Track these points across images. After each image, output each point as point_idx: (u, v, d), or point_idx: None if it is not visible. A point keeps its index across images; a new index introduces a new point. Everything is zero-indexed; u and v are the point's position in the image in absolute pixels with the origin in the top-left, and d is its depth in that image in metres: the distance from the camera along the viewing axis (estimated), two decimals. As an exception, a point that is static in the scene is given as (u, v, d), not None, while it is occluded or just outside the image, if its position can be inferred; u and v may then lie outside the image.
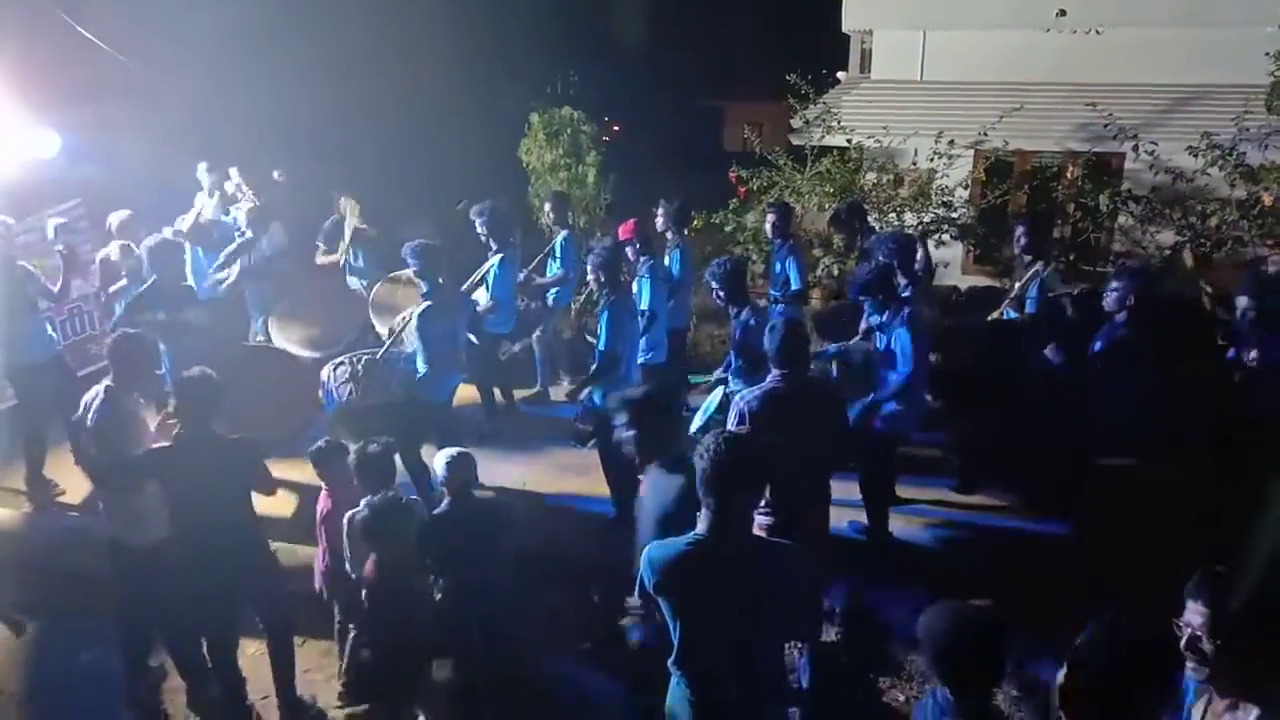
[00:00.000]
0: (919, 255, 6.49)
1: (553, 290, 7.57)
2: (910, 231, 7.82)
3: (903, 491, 5.81)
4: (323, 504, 4.53)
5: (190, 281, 6.82)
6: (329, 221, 8.28)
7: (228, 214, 8.14)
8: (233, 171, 8.32)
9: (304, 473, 4.86)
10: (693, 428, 5.34)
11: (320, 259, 8.26)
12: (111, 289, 7.00)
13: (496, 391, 7.41)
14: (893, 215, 8.60)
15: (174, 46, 10.20)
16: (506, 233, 6.99)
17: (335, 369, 5.75)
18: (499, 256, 6.89)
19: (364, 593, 4.13)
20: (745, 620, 2.85)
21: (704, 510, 2.88)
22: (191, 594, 4.14)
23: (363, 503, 4.18)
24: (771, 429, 3.96)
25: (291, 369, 6.45)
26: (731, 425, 4.16)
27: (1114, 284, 5.27)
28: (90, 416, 4.30)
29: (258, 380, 5.94)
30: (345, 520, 4.24)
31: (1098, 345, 5.31)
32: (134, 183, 8.03)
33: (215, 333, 6.20)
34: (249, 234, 7.59)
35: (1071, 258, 8.37)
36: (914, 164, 8.87)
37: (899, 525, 5.52)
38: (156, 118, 9.32)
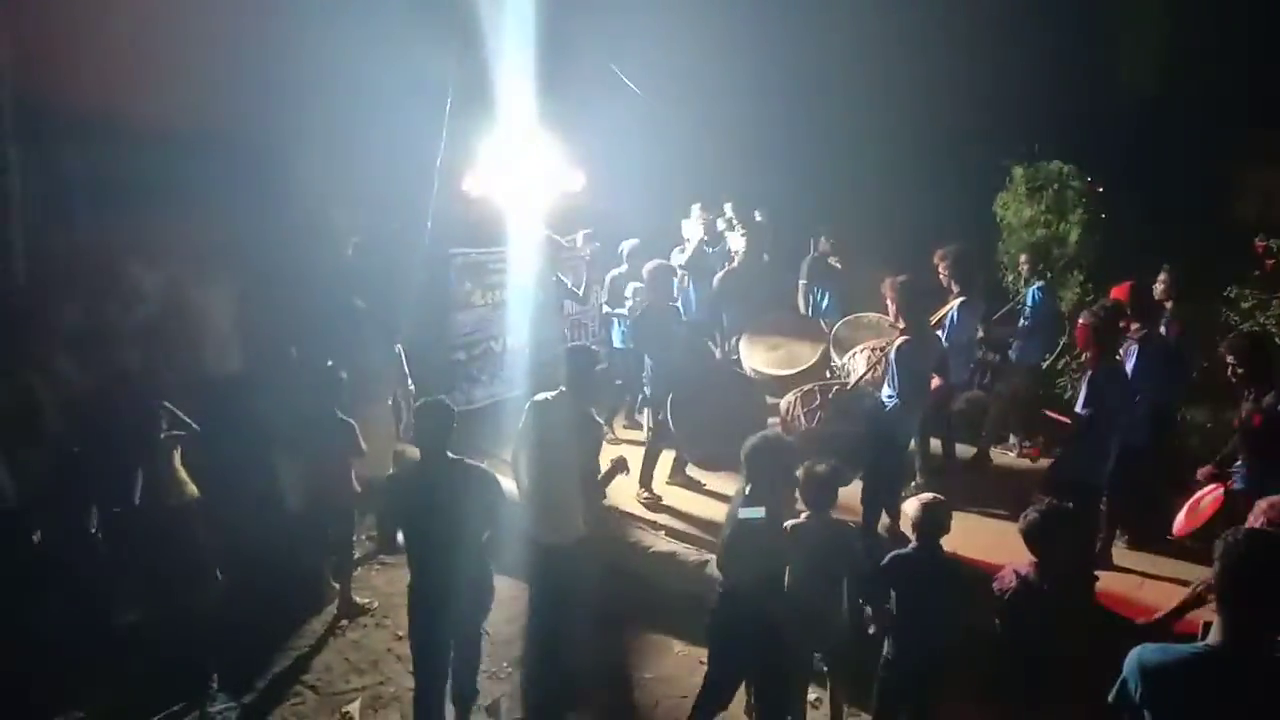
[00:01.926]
0: None
1: (1016, 344, 7.11)
2: None
3: None
4: None
5: (678, 303, 7.58)
6: (808, 259, 8.71)
7: (711, 247, 8.92)
8: (727, 207, 9.13)
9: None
10: (1175, 527, 4.63)
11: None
12: (616, 309, 8.08)
13: (937, 443, 7.11)
14: None
15: (691, 91, 11.32)
16: (970, 277, 6.75)
17: (802, 395, 5.96)
18: (960, 300, 6.65)
19: None
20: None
21: (1219, 617, 2.50)
22: None
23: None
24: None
25: (749, 390, 6.83)
26: None
27: None
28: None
29: (722, 397, 6.40)
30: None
31: None
32: (639, 214, 9.14)
33: (693, 349, 6.80)
34: (737, 263, 8.25)
35: None
36: None
37: None
38: (664, 156, 10.41)
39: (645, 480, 6.80)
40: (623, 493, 6.58)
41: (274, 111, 7.33)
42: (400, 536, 4.74)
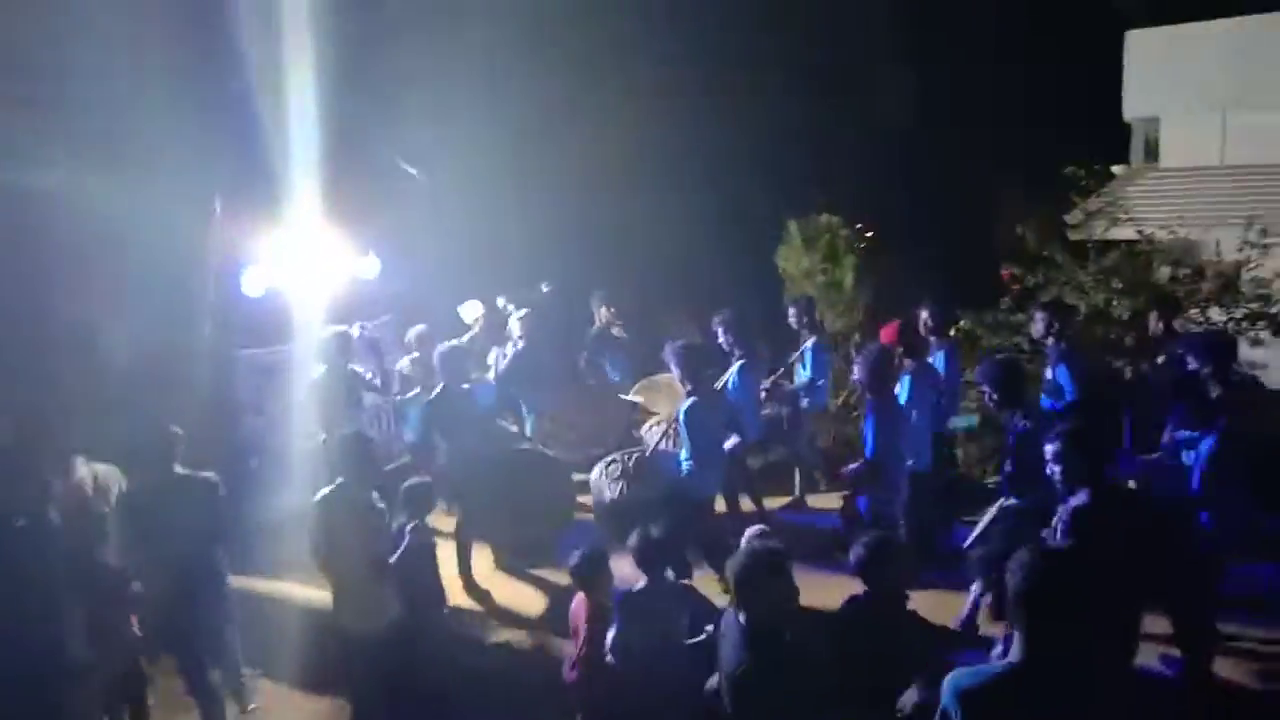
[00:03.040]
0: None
1: (803, 397, 7.48)
2: (1218, 328, 6.99)
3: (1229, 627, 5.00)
4: (581, 604, 4.66)
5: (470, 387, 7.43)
6: (592, 331, 8.75)
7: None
8: (499, 300, 9.01)
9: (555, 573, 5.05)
10: (968, 541, 4.98)
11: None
12: (408, 394, 7.82)
13: (746, 499, 7.36)
14: (1194, 311, 7.72)
15: (470, 170, 11.38)
16: (749, 339, 7.04)
17: (607, 466, 6.00)
18: (740, 363, 6.94)
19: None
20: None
21: (1016, 635, 2.62)
22: None
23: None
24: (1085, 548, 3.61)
25: (552, 470, 6.79)
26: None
27: None
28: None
29: (524, 480, 6.34)
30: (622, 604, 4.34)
31: None
32: (434, 298, 8.99)
33: (488, 433, 6.70)
34: (522, 344, 8.21)
35: None
36: (1218, 255, 7.97)
37: (1225, 666, 4.75)
38: (459, 238, 10.36)
39: (462, 570, 6.62)
40: (451, 583, 6.37)
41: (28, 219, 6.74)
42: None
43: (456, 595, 6.46)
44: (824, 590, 5.40)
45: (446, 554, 5.83)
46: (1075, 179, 8.89)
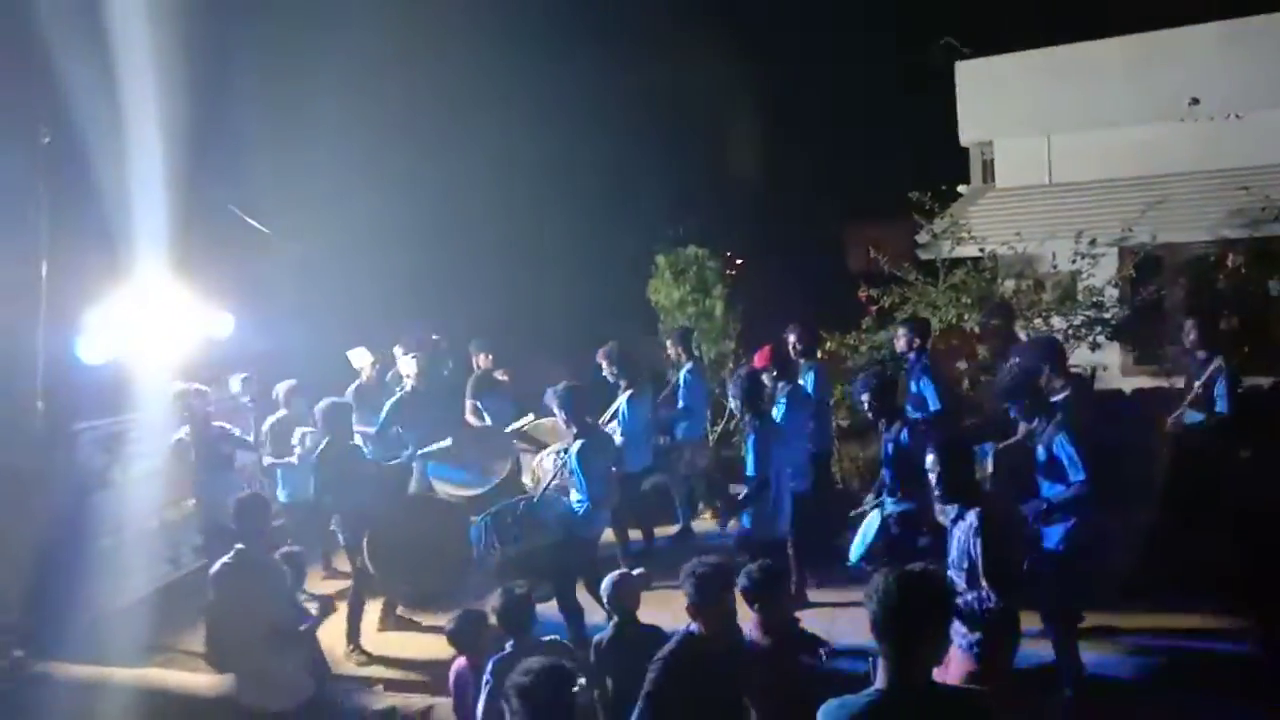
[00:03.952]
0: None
1: (681, 424, 7.55)
2: (1057, 335, 7.48)
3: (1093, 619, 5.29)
4: (460, 668, 4.50)
5: (358, 441, 7.13)
6: (472, 378, 8.58)
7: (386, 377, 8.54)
8: (396, 350, 8.67)
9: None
10: (852, 557, 5.09)
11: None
12: (282, 458, 7.40)
13: (635, 531, 7.35)
14: (1038, 320, 8.24)
15: (324, 225, 11.09)
16: (635, 370, 7.08)
17: (492, 519, 5.82)
18: (628, 394, 6.97)
19: None
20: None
21: (881, 660, 2.56)
22: None
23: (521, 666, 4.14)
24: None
25: (450, 517, 6.60)
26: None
27: None
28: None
29: (422, 530, 6.13)
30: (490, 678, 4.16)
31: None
32: (299, 355, 8.61)
33: (383, 485, 6.45)
34: (410, 388, 7.94)
35: (1246, 350, 7.74)
36: (1054, 267, 8.55)
37: (1091, 656, 5.00)
38: (313, 294, 10.06)
39: (352, 635, 6.31)
40: (332, 652, 6.04)
41: None
42: None
43: (341, 661, 6.17)
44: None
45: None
46: (919, 204, 9.38)
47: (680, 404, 7.52)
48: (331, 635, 5.95)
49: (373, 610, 6.56)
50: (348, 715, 5.70)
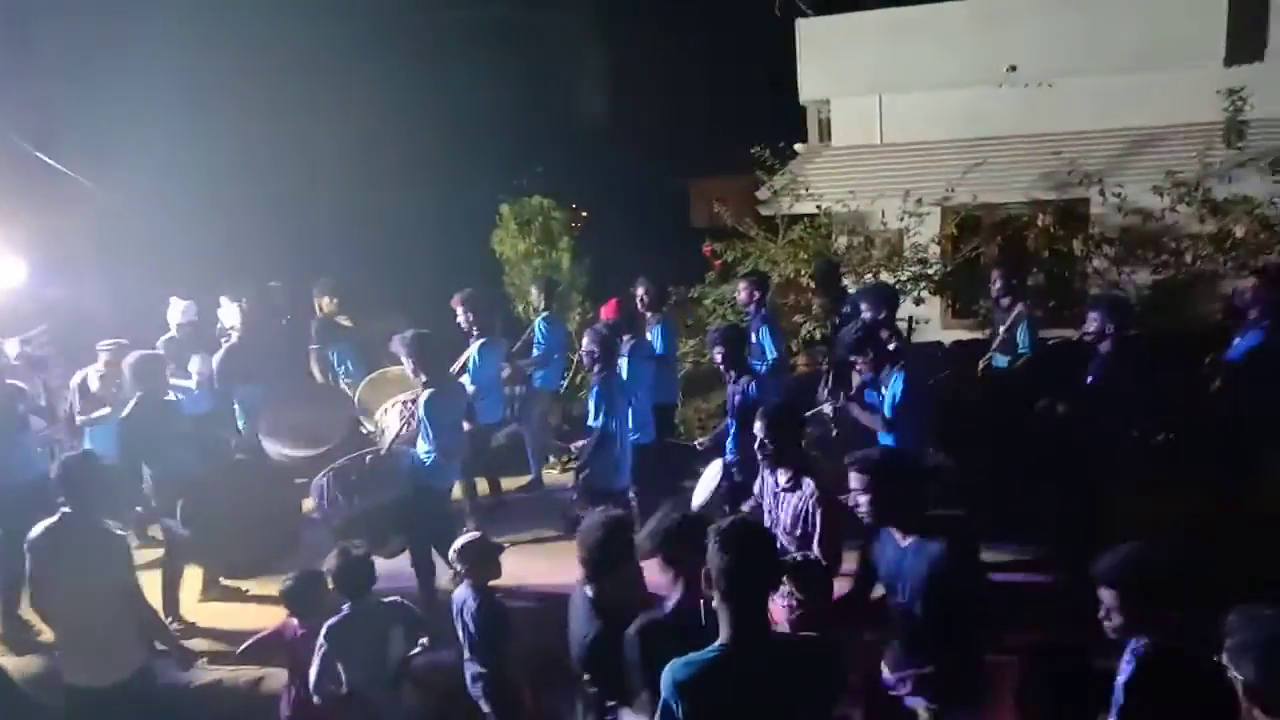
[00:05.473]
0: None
1: (537, 374, 7.48)
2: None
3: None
4: (290, 631, 4.30)
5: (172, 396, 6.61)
6: (315, 322, 8.19)
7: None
8: (223, 299, 8.06)
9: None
10: (695, 502, 5.18)
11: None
12: (94, 414, 6.79)
13: (483, 482, 7.24)
14: (869, 276, 8.62)
15: (138, 169, 10.24)
16: (489, 318, 6.96)
17: (334, 475, 5.53)
18: (480, 342, 6.82)
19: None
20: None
21: (723, 614, 2.55)
22: None
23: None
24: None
25: (277, 482, 6.27)
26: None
27: (1091, 314, 5.36)
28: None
29: (245, 495, 5.78)
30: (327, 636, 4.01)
31: (1090, 378, 5.32)
32: (102, 307, 7.91)
33: (201, 445, 6.04)
34: (236, 337, 7.44)
35: (1050, 304, 8.40)
36: (884, 225, 8.94)
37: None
38: (121, 242, 9.31)
39: (170, 606, 5.91)
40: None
41: None
42: None
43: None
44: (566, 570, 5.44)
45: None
46: (759, 160, 9.56)
47: (535, 353, 7.44)
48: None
49: (193, 579, 6.17)
50: (169, 693, 5.35)
